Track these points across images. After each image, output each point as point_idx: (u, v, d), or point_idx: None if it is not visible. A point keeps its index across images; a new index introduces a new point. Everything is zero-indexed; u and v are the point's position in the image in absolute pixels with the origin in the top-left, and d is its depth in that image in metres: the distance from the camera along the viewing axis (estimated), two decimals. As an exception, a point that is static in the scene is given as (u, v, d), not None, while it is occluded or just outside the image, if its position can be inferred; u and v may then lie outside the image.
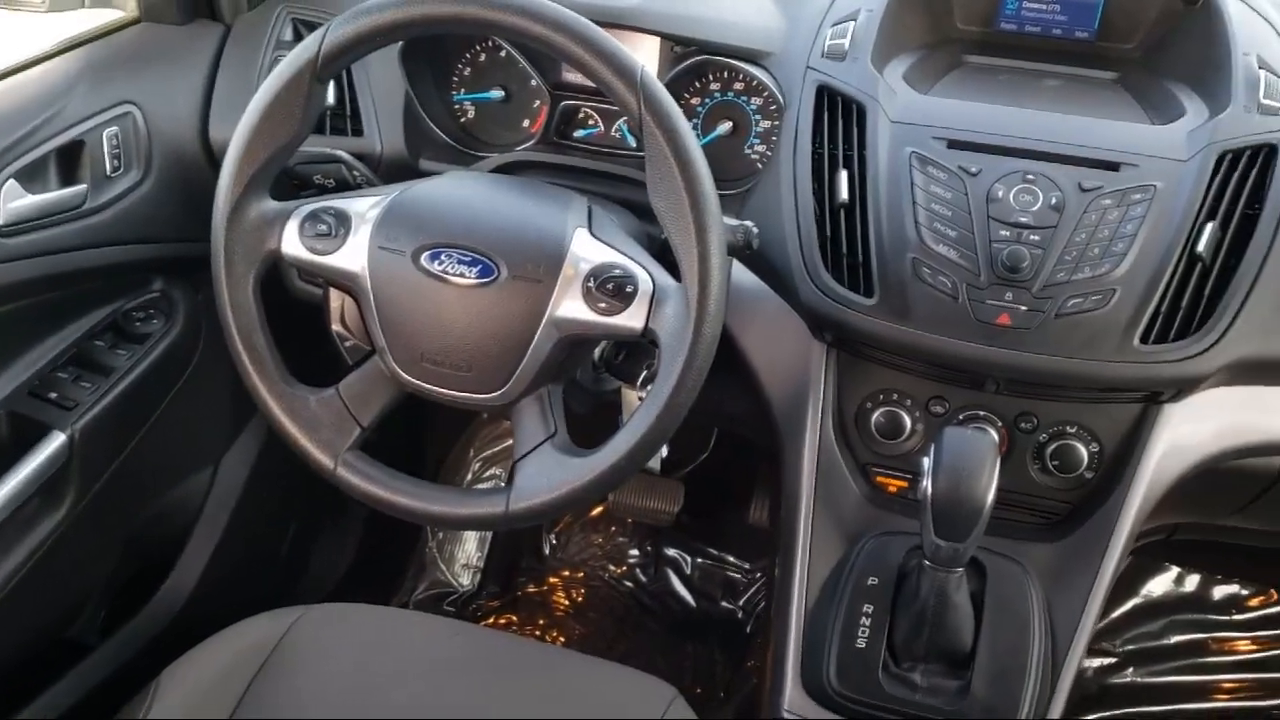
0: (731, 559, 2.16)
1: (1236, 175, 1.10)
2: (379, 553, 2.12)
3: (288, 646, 1.17)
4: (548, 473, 1.03)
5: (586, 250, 1.03)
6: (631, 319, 1.00)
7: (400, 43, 1.35)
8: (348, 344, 1.14)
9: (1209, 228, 1.07)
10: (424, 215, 1.05)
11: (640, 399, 1.09)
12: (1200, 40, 1.24)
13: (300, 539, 1.94)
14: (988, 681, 1.08)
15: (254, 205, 1.05)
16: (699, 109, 1.36)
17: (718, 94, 1.36)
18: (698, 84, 1.36)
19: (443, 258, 1.02)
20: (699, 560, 2.17)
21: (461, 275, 1.02)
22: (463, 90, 1.45)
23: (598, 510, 2.24)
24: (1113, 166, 1.11)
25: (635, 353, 1.24)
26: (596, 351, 1.20)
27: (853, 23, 1.27)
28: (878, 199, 1.14)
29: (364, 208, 1.07)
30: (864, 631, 1.12)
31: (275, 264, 1.08)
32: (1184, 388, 1.09)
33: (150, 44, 1.43)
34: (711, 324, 0.98)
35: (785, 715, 1.15)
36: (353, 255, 1.05)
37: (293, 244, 1.06)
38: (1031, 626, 1.11)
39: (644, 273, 1.01)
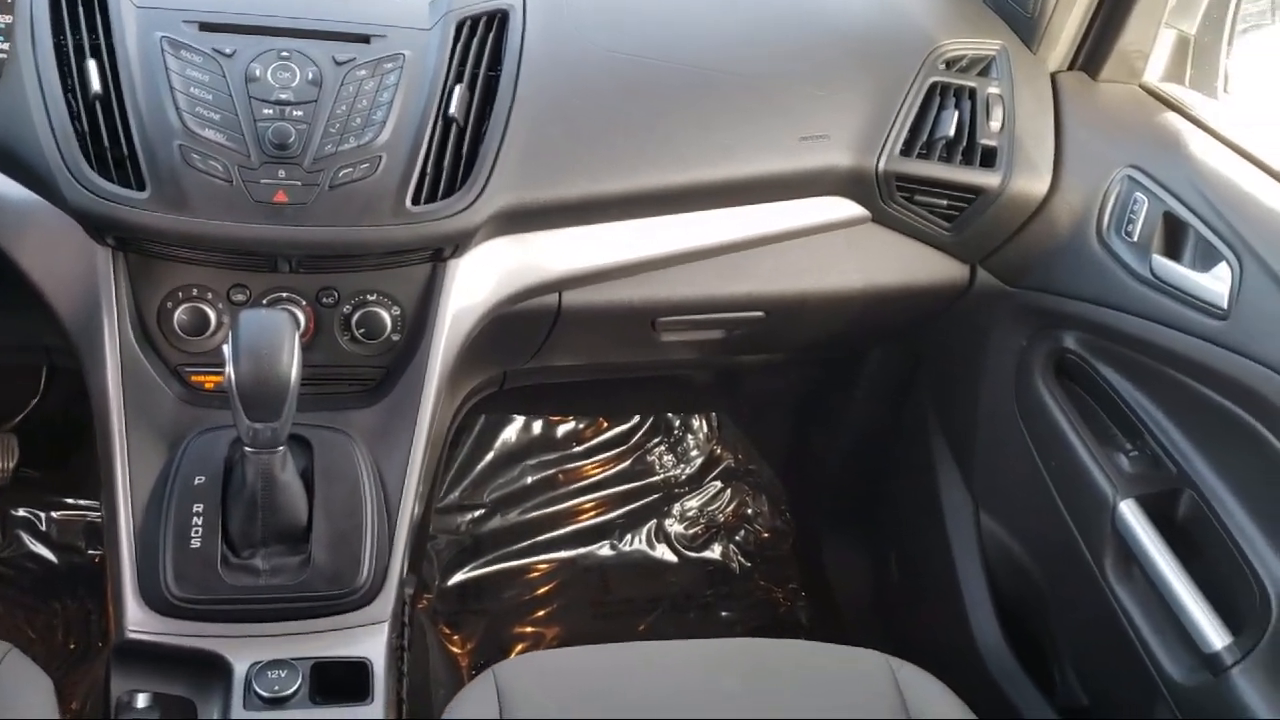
0: (91, 503, 2.00)
1: (476, 41, 1.20)
2: None
3: None
4: None
5: None
6: None
7: None
8: None
9: (458, 91, 1.17)
10: None
11: None
12: None
13: None
14: (327, 549, 1.12)
15: None
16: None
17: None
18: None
19: None
20: (55, 514, 1.99)
21: None
22: None
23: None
24: (363, 39, 1.16)
25: None
26: None
27: None
28: (133, 88, 1.10)
29: None
30: (197, 531, 1.10)
31: None
32: (460, 242, 1.18)
33: None
34: None
35: (130, 635, 1.10)
36: None
37: None
38: (362, 489, 1.16)
39: None
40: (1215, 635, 1.12)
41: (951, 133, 1.33)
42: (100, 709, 1.14)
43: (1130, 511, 1.23)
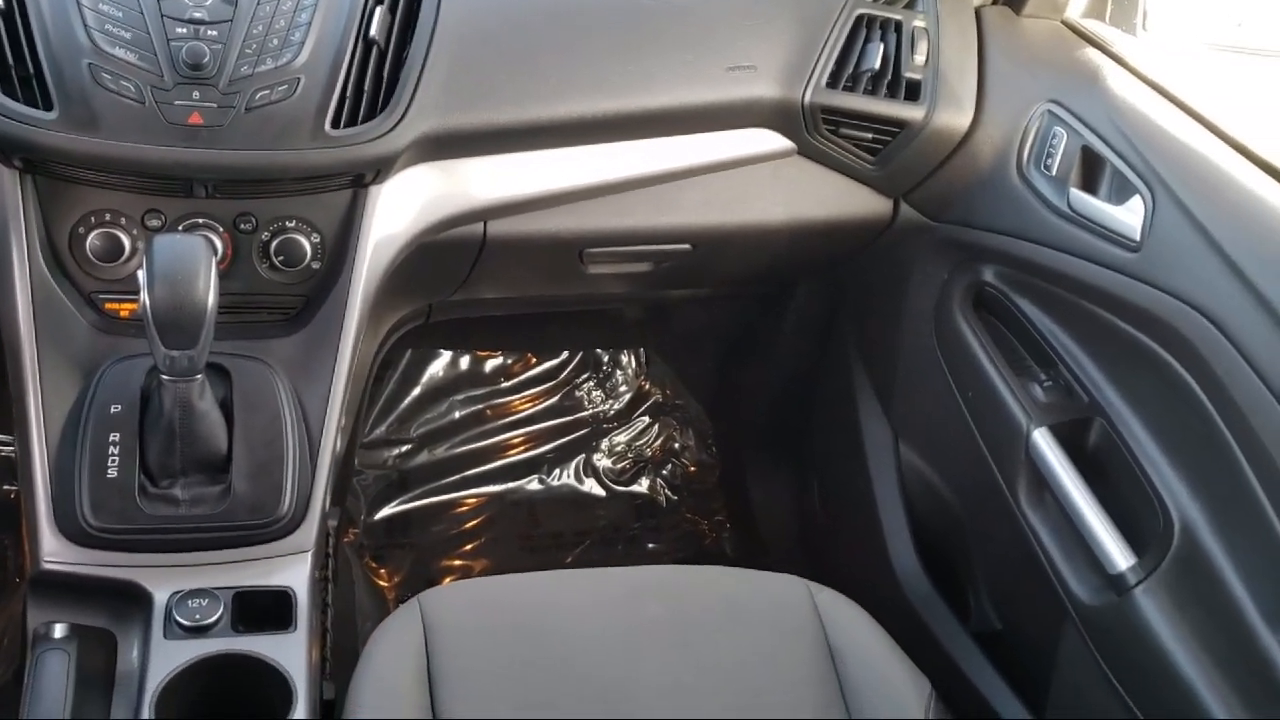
0: (4, 438, 1.95)
1: None
2: None
3: None
4: None
5: None
6: None
7: None
8: None
9: (379, 12, 1.14)
10: None
11: None
12: None
13: None
14: (247, 478, 1.11)
15: None
16: None
17: None
18: None
19: None
20: (-26, 451, 1.94)
21: None
22: None
23: None
24: None
25: None
26: None
27: None
28: (38, 3, 1.06)
29: None
30: (114, 460, 1.08)
31: None
32: (382, 167, 1.16)
33: None
34: None
35: (46, 565, 1.08)
36: None
37: None
38: (283, 419, 1.14)
39: None
40: (1120, 557, 1.16)
41: (877, 65, 1.33)
42: (18, 642, 1.13)
43: (1043, 440, 1.26)
